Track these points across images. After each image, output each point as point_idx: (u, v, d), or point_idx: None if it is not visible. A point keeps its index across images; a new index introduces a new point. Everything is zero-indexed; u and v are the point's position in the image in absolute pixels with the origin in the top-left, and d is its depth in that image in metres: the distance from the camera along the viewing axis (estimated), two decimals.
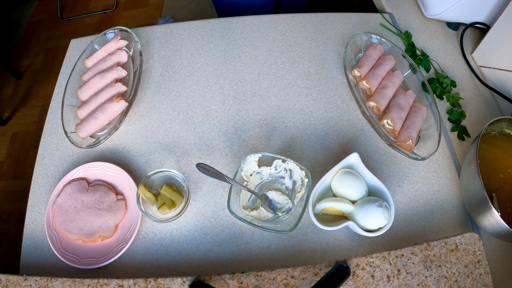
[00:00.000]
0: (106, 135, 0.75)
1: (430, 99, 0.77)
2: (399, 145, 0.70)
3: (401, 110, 0.75)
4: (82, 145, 0.72)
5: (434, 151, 0.69)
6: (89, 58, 0.81)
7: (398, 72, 0.81)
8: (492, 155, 0.68)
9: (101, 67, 0.79)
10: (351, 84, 0.77)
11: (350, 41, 0.82)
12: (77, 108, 0.76)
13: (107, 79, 0.78)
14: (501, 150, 0.69)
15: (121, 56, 0.81)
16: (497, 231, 0.60)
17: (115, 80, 0.79)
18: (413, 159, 0.69)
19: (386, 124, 0.74)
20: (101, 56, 0.81)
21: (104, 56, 0.81)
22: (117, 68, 0.79)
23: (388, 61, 0.82)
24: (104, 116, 0.74)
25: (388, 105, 0.77)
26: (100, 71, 0.79)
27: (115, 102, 0.75)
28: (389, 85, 0.78)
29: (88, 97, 0.77)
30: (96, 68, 0.79)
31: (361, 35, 0.85)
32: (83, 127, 0.74)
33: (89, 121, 0.74)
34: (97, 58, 0.81)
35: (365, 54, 0.83)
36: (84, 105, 0.76)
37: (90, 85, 0.77)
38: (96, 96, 0.76)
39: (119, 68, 0.79)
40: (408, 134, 0.71)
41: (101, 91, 0.77)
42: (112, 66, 0.79)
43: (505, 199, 0.64)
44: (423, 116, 0.75)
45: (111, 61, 0.80)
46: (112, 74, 0.78)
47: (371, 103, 0.76)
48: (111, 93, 0.77)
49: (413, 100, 0.78)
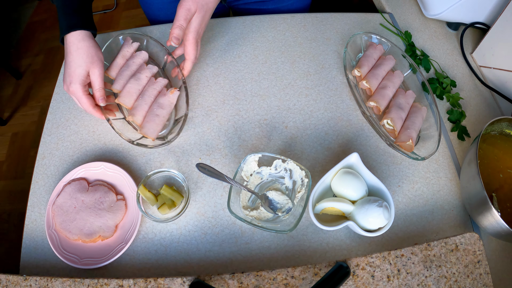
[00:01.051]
0: (171, 127, 0.74)
1: (430, 99, 0.77)
2: (399, 145, 0.70)
3: (401, 110, 0.75)
4: (154, 145, 0.71)
5: (434, 151, 0.69)
6: (110, 69, 0.78)
7: (398, 72, 0.81)
8: (492, 155, 0.68)
9: (128, 73, 0.77)
10: (351, 84, 0.77)
11: (350, 41, 0.82)
12: (129, 117, 0.73)
13: (143, 80, 0.77)
14: (501, 150, 0.69)
15: (142, 56, 0.80)
16: (497, 231, 0.60)
17: (151, 76, 0.78)
18: (413, 159, 0.69)
19: (386, 124, 0.74)
20: (121, 63, 0.79)
21: (124, 63, 0.79)
22: (148, 66, 0.79)
23: (388, 61, 0.82)
24: (164, 110, 0.74)
25: (388, 105, 0.77)
26: (131, 76, 0.77)
27: (170, 94, 0.75)
28: (389, 85, 0.78)
29: (133, 102, 0.75)
30: (124, 75, 0.77)
31: (361, 35, 0.85)
32: (150, 129, 0.72)
33: (152, 120, 0.72)
34: (118, 66, 0.79)
35: (365, 54, 0.83)
36: (134, 111, 0.73)
37: (129, 91, 0.75)
38: (143, 98, 0.74)
39: (150, 66, 0.79)
40: (408, 134, 0.71)
41: (145, 91, 0.76)
42: (140, 67, 0.79)
43: (505, 199, 0.64)
44: (423, 116, 0.75)
45: (135, 64, 0.79)
46: (146, 73, 0.77)
47: (371, 103, 0.76)
48: (156, 89, 0.76)
49: (413, 100, 0.78)
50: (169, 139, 0.72)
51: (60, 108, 0.82)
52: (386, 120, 0.74)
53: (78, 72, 0.69)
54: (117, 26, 2.19)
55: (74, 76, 0.69)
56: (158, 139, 0.73)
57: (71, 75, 0.69)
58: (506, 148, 0.69)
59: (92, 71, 0.70)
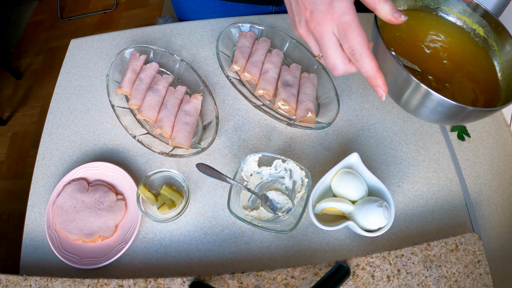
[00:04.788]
0: (201, 134, 0.74)
1: (316, 63, 0.76)
2: (302, 121, 0.70)
3: (290, 87, 0.74)
4: (189, 154, 0.69)
5: (336, 114, 0.70)
6: (122, 85, 0.76)
7: (276, 51, 0.81)
8: (411, 33, 0.56)
9: (144, 86, 0.76)
10: (233, 82, 0.76)
11: (219, 39, 0.80)
12: (155, 130, 0.72)
13: (161, 91, 0.75)
14: (418, 27, 0.57)
15: (153, 67, 0.79)
16: (440, 111, 0.47)
17: (168, 86, 0.78)
18: (320, 129, 0.70)
19: (281, 105, 0.73)
20: (132, 78, 0.77)
21: (135, 77, 0.78)
22: (164, 76, 0.78)
23: (262, 44, 0.81)
24: (192, 117, 0.73)
25: (277, 86, 0.76)
26: (147, 89, 0.76)
27: (194, 99, 0.74)
28: (271, 67, 0.77)
29: (156, 114, 0.74)
30: (140, 89, 0.75)
31: (229, 29, 0.83)
32: (182, 138, 0.70)
33: (183, 129, 0.71)
34: (131, 81, 0.77)
35: (237, 46, 0.81)
36: (161, 123, 0.72)
37: (150, 104, 0.73)
38: (166, 108, 0.73)
39: (165, 76, 0.79)
40: (305, 107, 0.71)
41: (166, 101, 0.74)
42: (155, 79, 0.78)
43: (439, 78, 0.53)
44: (314, 84, 0.75)
45: (148, 77, 0.77)
46: (163, 83, 0.77)
47: (259, 91, 0.75)
48: (178, 98, 0.75)
49: (299, 72, 0.77)
50: (203, 145, 0.71)
51: (60, 108, 0.82)
52: (280, 102, 0.73)
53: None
54: (117, 26, 2.19)
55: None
56: (191, 147, 0.72)
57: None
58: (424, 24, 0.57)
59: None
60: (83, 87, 0.85)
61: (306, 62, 0.80)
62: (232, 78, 0.77)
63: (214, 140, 0.71)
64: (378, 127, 0.77)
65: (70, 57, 0.90)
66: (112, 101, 0.75)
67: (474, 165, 0.73)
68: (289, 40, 0.83)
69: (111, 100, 0.75)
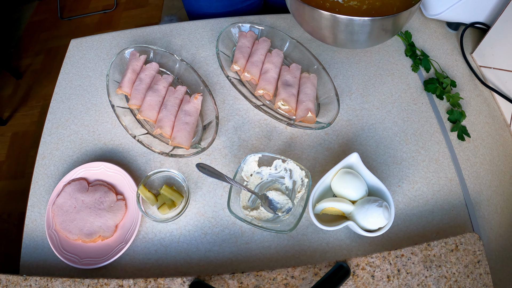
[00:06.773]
0: (201, 134, 0.74)
1: (317, 63, 0.76)
2: (302, 121, 0.70)
3: (290, 87, 0.74)
4: (189, 154, 0.69)
5: (336, 114, 0.70)
6: (122, 86, 0.76)
7: (276, 51, 0.81)
8: None
9: (143, 86, 0.76)
10: (233, 82, 0.76)
11: (219, 39, 0.81)
12: (155, 130, 0.72)
13: (161, 91, 0.75)
14: None
15: (153, 67, 0.79)
16: (357, 31, 0.63)
17: (168, 86, 0.77)
18: (320, 129, 0.70)
19: (281, 105, 0.73)
20: (132, 78, 0.77)
21: (135, 77, 0.78)
22: (164, 76, 0.78)
23: (262, 43, 0.81)
24: (192, 117, 0.73)
25: (277, 86, 0.76)
26: (147, 89, 0.76)
27: (194, 99, 0.74)
28: (271, 67, 0.77)
29: (156, 114, 0.73)
30: (139, 89, 0.75)
31: (229, 29, 0.83)
32: (182, 138, 0.70)
33: (183, 129, 0.71)
34: (131, 81, 0.77)
35: (237, 46, 0.81)
36: (161, 123, 0.72)
37: (150, 104, 0.73)
38: (166, 108, 0.73)
39: (165, 76, 0.78)
40: (305, 107, 0.71)
41: (166, 102, 0.74)
42: (155, 79, 0.78)
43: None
44: (314, 84, 0.75)
45: (148, 77, 0.77)
46: (163, 83, 0.76)
47: (259, 91, 0.75)
48: (178, 98, 0.75)
49: (299, 71, 0.77)
50: (203, 146, 0.71)
51: (60, 108, 0.82)
52: (280, 102, 0.73)
53: None
54: (117, 26, 2.19)
55: None
56: (191, 147, 0.72)
57: None
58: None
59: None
60: (83, 87, 0.85)
61: (306, 62, 0.81)
62: (232, 78, 0.77)
63: (214, 140, 0.71)
64: (378, 127, 0.77)
65: (70, 57, 0.90)
66: (112, 101, 0.75)
67: (474, 165, 0.73)
68: (289, 40, 0.83)
69: (111, 100, 0.75)
